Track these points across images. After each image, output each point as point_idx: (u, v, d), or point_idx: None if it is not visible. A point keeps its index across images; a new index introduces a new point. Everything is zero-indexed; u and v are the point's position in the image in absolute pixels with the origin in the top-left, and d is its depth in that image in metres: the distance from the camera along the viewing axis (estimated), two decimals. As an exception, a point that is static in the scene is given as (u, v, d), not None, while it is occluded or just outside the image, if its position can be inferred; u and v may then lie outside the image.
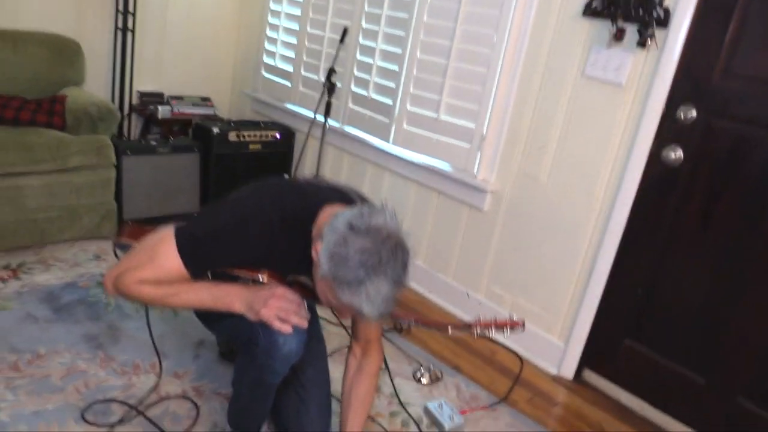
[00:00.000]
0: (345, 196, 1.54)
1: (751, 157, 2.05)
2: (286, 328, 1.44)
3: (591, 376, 2.53)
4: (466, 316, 2.87)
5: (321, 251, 1.30)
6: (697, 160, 2.17)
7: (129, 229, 1.63)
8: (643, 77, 2.23)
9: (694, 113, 2.15)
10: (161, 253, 1.42)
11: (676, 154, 2.20)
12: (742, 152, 2.07)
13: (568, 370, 2.54)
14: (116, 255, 1.81)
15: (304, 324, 1.46)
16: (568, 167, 2.47)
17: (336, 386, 1.88)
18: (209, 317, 1.73)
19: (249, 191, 1.55)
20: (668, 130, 2.21)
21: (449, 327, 1.51)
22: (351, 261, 1.24)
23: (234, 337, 1.64)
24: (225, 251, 1.44)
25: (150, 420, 1.85)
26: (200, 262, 1.44)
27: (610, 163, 2.35)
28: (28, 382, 1.91)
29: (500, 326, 1.50)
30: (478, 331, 1.49)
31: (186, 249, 1.42)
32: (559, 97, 2.46)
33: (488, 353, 2.65)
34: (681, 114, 2.17)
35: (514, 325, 1.50)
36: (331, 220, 1.33)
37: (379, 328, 1.77)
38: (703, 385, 2.22)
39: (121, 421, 1.82)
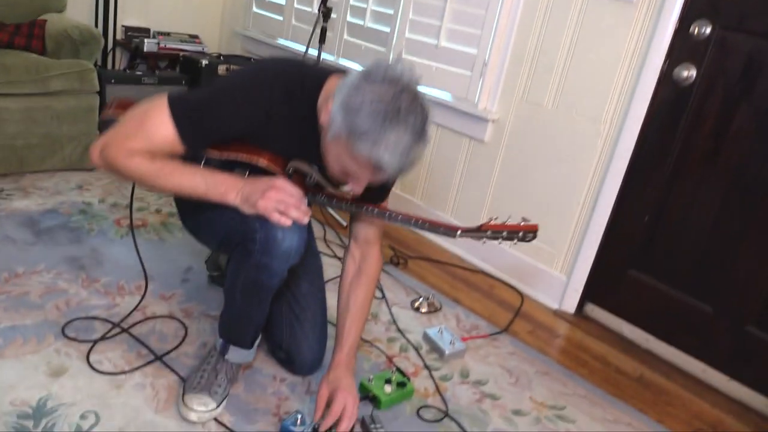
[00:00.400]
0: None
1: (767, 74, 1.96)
2: (285, 221, 1.31)
3: (594, 310, 2.45)
4: (463, 253, 2.78)
5: (333, 107, 1.21)
6: (710, 78, 2.07)
7: (116, 102, 1.51)
8: (656, -9, 2.12)
9: (708, 29, 2.04)
10: (153, 120, 1.30)
11: (688, 72, 2.09)
12: (758, 68, 1.97)
13: (570, 304, 2.46)
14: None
15: (305, 219, 1.34)
16: (574, 91, 2.36)
17: (332, 313, 1.78)
18: (199, 224, 1.61)
19: (248, 65, 1.44)
20: (681, 47, 2.11)
21: (458, 231, 1.40)
22: (367, 108, 1.16)
23: (227, 241, 1.50)
24: (221, 116, 1.33)
25: (135, 337, 1.75)
26: (195, 129, 1.32)
27: (619, 85, 2.24)
28: (4, 299, 1.80)
29: (513, 230, 1.39)
30: (489, 235, 1.38)
31: (179, 114, 1.30)
32: (566, 17, 2.34)
33: (487, 287, 2.57)
34: (695, 29, 2.07)
35: (530, 229, 1.40)
36: (343, 78, 1.24)
37: (380, 229, 1.67)
38: (711, 315, 2.14)
39: (103, 338, 1.72)
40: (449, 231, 1.40)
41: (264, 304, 1.52)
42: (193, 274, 2.15)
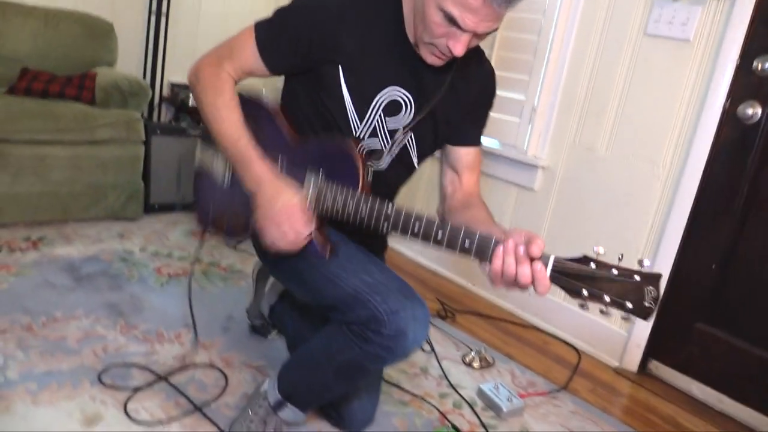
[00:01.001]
0: None
1: (844, 108, 1.85)
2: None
3: (658, 368, 2.27)
4: (514, 308, 2.64)
5: None
6: (778, 116, 1.97)
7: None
8: (714, 29, 2.05)
9: (773, 65, 1.96)
10: (240, 39, 1.39)
11: (753, 110, 1.99)
12: (832, 104, 1.87)
13: (632, 362, 2.28)
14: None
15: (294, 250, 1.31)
16: (628, 135, 2.27)
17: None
18: (287, 271, 1.47)
19: None
20: (744, 84, 2.02)
21: (551, 259, 1.06)
22: None
23: (322, 299, 1.36)
24: (295, 24, 1.33)
25: (173, 386, 1.65)
26: (271, 44, 1.35)
27: (678, 126, 2.14)
28: (41, 343, 1.73)
29: (626, 274, 1.00)
30: (595, 274, 1.02)
31: (261, 31, 1.36)
32: (618, 60, 2.28)
33: (541, 343, 2.41)
34: (758, 65, 1.98)
35: (653, 279, 1.00)
36: None
37: (480, 160, 1.56)
38: (793, 371, 1.96)
39: (142, 387, 1.62)
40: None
41: (354, 385, 1.44)
42: (234, 322, 2.06)
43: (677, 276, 2.18)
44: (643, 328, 2.25)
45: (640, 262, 1.03)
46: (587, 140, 2.39)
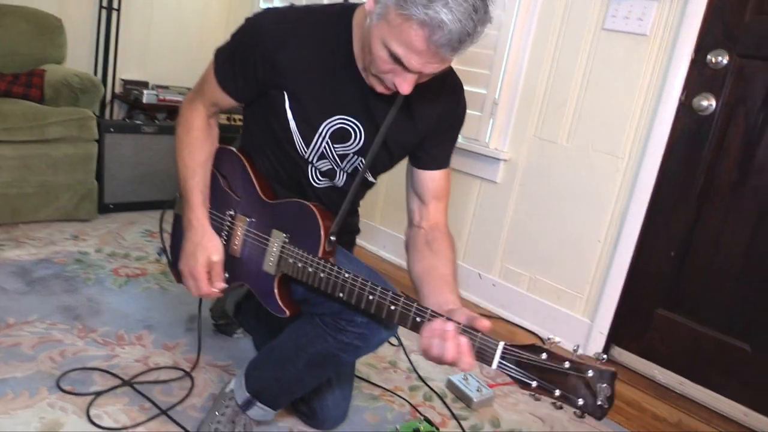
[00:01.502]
0: None
1: (792, 98, 1.92)
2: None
3: (621, 354, 2.32)
4: (479, 300, 2.66)
5: None
6: (730, 107, 2.03)
7: None
8: (669, 24, 2.10)
9: (726, 58, 2.02)
10: (208, 72, 1.39)
11: (708, 102, 2.05)
12: (781, 95, 1.94)
13: (595, 349, 2.32)
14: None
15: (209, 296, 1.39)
16: (589, 127, 2.31)
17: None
18: None
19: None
20: (698, 77, 2.07)
21: (500, 346, 1.01)
22: None
23: (292, 293, 1.36)
24: (247, 47, 1.29)
25: (137, 390, 1.59)
26: (227, 74, 1.35)
27: (636, 119, 2.19)
28: (-7, 350, 1.65)
29: (579, 367, 0.96)
30: (543, 363, 0.98)
31: (218, 61, 1.36)
32: (577, 54, 2.32)
33: (507, 334, 2.43)
34: (711, 59, 2.04)
35: (606, 369, 0.96)
36: None
37: (448, 182, 1.48)
38: (749, 353, 2.02)
39: (104, 391, 1.56)
40: (486, 344, 1.01)
41: (326, 376, 1.42)
42: (196, 323, 2.00)
43: (638, 264, 2.23)
44: (606, 316, 2.30)
45: (597, 356, 0.98)
46: (548, 133, 2.43)
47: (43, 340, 1.74)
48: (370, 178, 1.45)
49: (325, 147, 1.34)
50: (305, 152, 1.34)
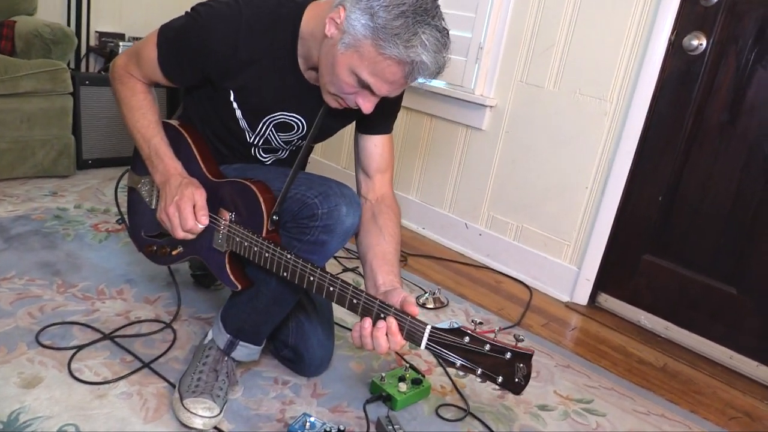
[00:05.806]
0: None
1: (784, 35, 1.87)
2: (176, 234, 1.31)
3: (608, 300, 2.32)
4: (465, 249, 2.64)
5: (347, 14, 1.11)
6: (722, 45, 1.97)
7: None
8: (660, -41, 2.03)
9: (717, -5, 1.96)
10: (146, 44, 1.37)
11: (698, 41, 2.00)
12: (773, 33, 1.88)
13: (582, 296, 2.32)
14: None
15: (188, 236, 1.31)
16: (576, 70, 2.25)
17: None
18: None
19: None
20: (689, 15, 2.01)
21: (427, 328, 1.11)
22: (393, 9, 1.08)
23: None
24: (192, 47, 1.30)
25: (118, 344, 1.57)
26: (169, 59, 1.35)
27: (625, 60, 2.13)
28: (-31, 307, 1.62)
29: (498, 349, 1.07)
30: (465, 346, 1.08)
31: (161, 41, 1.35)
32: (565, -6, 2.25)
33: (493, 282, 2.43)
34: (703, -4, 1.98)
35: (525, 352, 1.07)
36: None
37: (391, 151, 1.51)
38: (735, 297, 2.02)
39: (84, 345, 1.54)
40: (415, 327, 1.10)
41: (300, 292, 1.38)
42: (178, 275, 1.96)
43: (625, 210, 2.21)
44: (593, 262, 2.29)
45: (516, 337, 1.11)
46: (535, 78, 2.37)
47: (22, 296, 1.71)
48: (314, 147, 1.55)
49: (269, 134, 1.42)
50: (251, 136, 1.43)
